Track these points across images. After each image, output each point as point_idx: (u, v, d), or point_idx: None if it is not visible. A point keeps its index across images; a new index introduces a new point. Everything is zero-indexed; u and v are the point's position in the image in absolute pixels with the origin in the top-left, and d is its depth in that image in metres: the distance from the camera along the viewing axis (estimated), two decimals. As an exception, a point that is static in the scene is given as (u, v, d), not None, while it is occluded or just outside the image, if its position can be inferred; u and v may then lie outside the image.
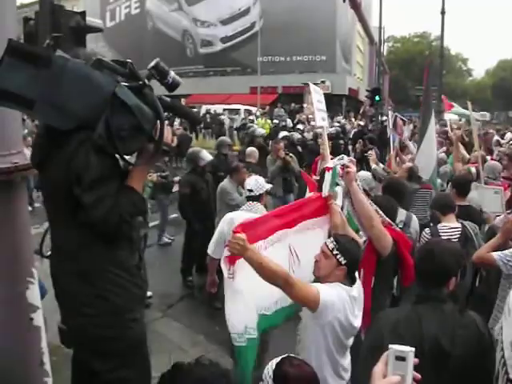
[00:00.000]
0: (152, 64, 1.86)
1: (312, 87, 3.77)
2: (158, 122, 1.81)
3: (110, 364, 1.86)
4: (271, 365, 1.78)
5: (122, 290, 1.87)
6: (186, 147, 6.42)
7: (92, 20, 4.05)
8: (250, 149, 6.95)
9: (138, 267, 2.01)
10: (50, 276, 1.95)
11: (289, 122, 18.22)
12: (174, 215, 7.17)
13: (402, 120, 8.88)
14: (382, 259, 2.87)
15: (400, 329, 1.90)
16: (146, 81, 1.82)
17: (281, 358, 1.80)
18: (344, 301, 2.26)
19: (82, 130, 1.68)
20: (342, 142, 11.88)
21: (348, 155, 5.87)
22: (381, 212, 2.98)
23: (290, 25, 30.80)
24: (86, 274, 1.80)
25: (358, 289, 2.40)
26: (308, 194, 3.50)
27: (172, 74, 1.90)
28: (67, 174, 1.69)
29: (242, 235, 2.12)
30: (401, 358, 1.14)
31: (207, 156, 5.82)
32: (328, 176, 2.89)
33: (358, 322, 2.34)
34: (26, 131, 9.80)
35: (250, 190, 3.64)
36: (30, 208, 3.90)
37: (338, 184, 2.97)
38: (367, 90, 22.26)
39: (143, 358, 2.05)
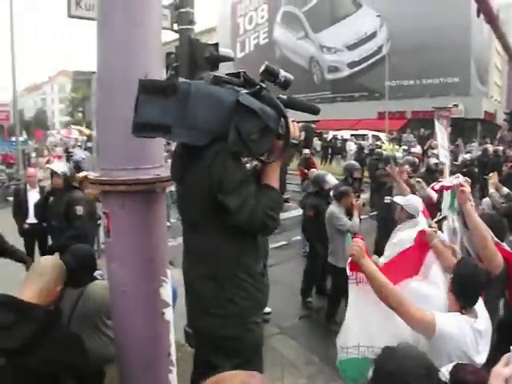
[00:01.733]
0: (262, 68, 2.01)
1: (437, 126, 3.89)
2: (282, 119, 1.95)
3: (232, 362, 2.01)
4: (443, 374, 1.71)
5: (247, 295, 2.04)
6: (312, 138, 6.67)
7: (224, 50, 4.45)
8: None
9: (262, 274, 2.16)
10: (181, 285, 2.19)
11: (418, 149, 17.44)
12: (297, 237, 7.35)
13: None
14: (492, 279, 2.68)
15: None
16: (262, 84, 1.97)
17: (452, 365, 1.75)
18: (465, 334, 2.12)
19: (216, 142, 1.88)
20: (476, 169, 11.09)
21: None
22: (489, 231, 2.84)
23: (419, 46, 29.67)
24: (217, 278, 2.00)
25: (484, 321, 2.24)
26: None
27: (282, 72, 2.02)
28: (207, 184, 1.89)
29: (362, 242, 2.17)
30: None
31: (332, 180, 5.93)
32: (447, 195, 2.83)
33: (481, 359, 2.17)
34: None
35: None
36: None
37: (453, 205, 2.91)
38: (505, 113, 20.39)
39: (259, 361, 2.20)
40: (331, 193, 5.64)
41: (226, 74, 2.03)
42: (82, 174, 5.91)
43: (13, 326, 1.88)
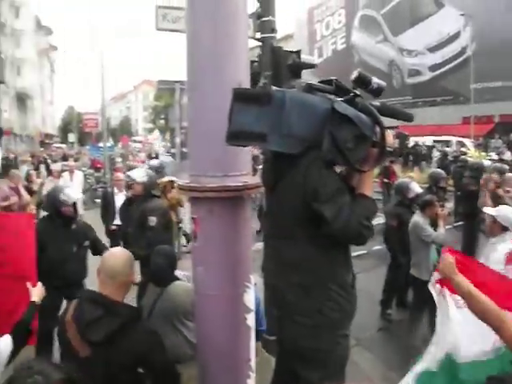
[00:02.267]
0: (354, 75, 1.98)
1: None
2: (377, 126, 1.91)
3: (318, 374, 2.00)
4: None
5: (338, 306, 2.00)
6: (405, 145, 6.46)
7: (306, 57, 4.47)
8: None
9: (352, 285, 2.11)
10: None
11: (508, 155, 16.30)
12: (378, 247, 7.15)
13: None
14: None
15: None
16: (356, 92, 1.94)
17: None
18: None
19: (310, 150, 1.88)
20: None
21: None
22: None
23: (508, 44, 27.69)
24: (308, 288, 1.98)
25: None
26: None
27: (375, 79, 1.99)
28: (302, 192, 1.89)
29: (452, 258, 2.05)
30: None
31: (417, 188, 5.70)
32: None
33: None
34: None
35: None
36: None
37: None
38: None
39: (343, 374, 2.14)
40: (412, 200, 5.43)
41: (319, 82, 2.02)
42: (165, 179, 6.17)
43: (99, 321, 2.04)
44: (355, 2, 41.24)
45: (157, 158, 18.84)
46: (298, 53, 4.32)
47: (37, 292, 2.71)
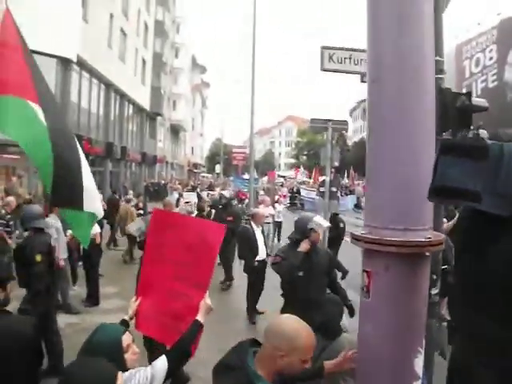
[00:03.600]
0: None
1: None
2: None
3: None
4: None
5: None
6: None
7: (477, 100, 4.11)
8: None
9: None
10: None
11: None
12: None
13: None
14: None
15: None
16: None
17: None
18: None
19: None
20: None
21: None
22: None
23: None
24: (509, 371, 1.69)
25: None
26: None
27: None
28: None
29: None
30: None
31: None
32: None
33: None
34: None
35: None
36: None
37: None
38: None
39: None
40: None
41: None
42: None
43: None
44: (509, 36, 38.13)
45: (298, 193, 19.12)
46: (468, 95, 4.00)
47: (204, 310, 2.74)
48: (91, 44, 23.03)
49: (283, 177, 48.77)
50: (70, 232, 8.16)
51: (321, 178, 35.94)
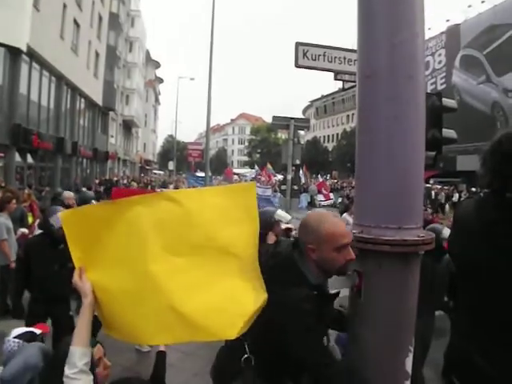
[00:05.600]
0: None
1: None
2: None
3: None
4: None
5: None
6: None
7: (447, 100, 4.20)
8: None
9: None
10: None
11: None
12: None
13: None
14: None
15: None
16: None
17: None
18: None
19: None
20: None
21: None
22: None
23: None
24: None
25: None
26: None
27: None
28: None
29: None
30: None
31: None
32: None
33: None
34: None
35: None
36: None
37: None
38: None
39: None
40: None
41: None
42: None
43: None
44: (456, 41, 39.98)
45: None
46: (438, 95, 4.08)
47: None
48: (42, 33, 21.85)
49: (237, 174, 48.84)
50: (22, 230, 7.75)
51: (277, 177, 36.16)
